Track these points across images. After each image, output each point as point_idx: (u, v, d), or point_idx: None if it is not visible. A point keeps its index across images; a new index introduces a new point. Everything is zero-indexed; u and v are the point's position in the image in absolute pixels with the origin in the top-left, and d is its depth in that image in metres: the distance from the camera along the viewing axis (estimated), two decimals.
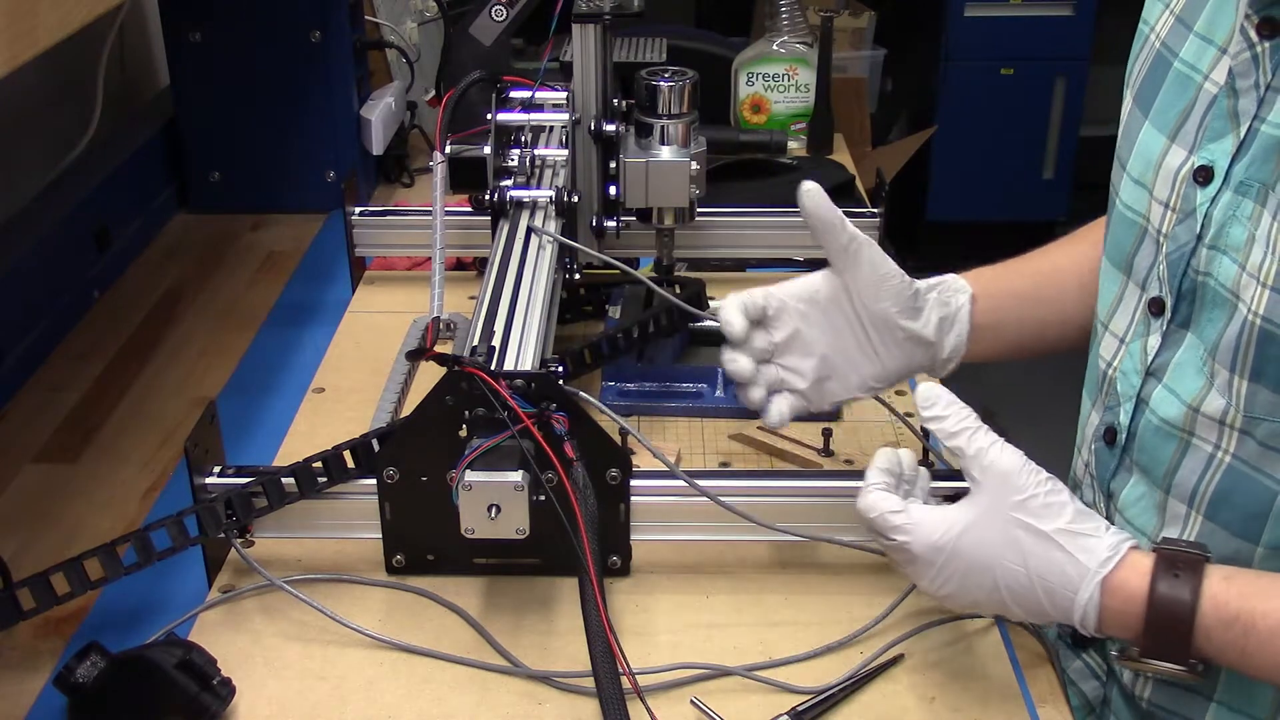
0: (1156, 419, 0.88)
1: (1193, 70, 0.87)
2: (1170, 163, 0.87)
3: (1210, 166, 0.84)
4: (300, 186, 1.69)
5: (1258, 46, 0.81)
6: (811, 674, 0.90)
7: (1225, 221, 0.82)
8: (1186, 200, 0.85)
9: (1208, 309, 0.84)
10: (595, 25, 1.26)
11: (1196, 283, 0.84)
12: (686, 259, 1.41)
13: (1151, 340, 0.89)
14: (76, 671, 0.83)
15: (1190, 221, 0.85)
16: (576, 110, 1.29)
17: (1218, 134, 0.84)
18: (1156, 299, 0.89)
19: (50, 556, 1.04)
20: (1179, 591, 0.79)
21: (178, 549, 0.93)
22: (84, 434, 1.23)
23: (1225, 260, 0.81)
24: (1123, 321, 0.93)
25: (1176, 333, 0.87)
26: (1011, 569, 0.82)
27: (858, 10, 3.09)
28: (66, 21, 0.84)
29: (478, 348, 0.96)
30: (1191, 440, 0.85)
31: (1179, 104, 0.88)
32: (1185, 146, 0.86)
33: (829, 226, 0.96)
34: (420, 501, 0.96)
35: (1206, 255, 0.83)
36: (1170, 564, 0.80)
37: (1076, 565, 0.81)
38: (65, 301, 1.41)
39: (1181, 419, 0.85)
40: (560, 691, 0.89)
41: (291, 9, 1.61)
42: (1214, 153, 0.83)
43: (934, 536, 0.84)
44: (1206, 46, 0.86)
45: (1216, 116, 0.84)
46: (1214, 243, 0.82)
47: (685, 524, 0.98)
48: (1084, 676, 0.99)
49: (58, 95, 1.59)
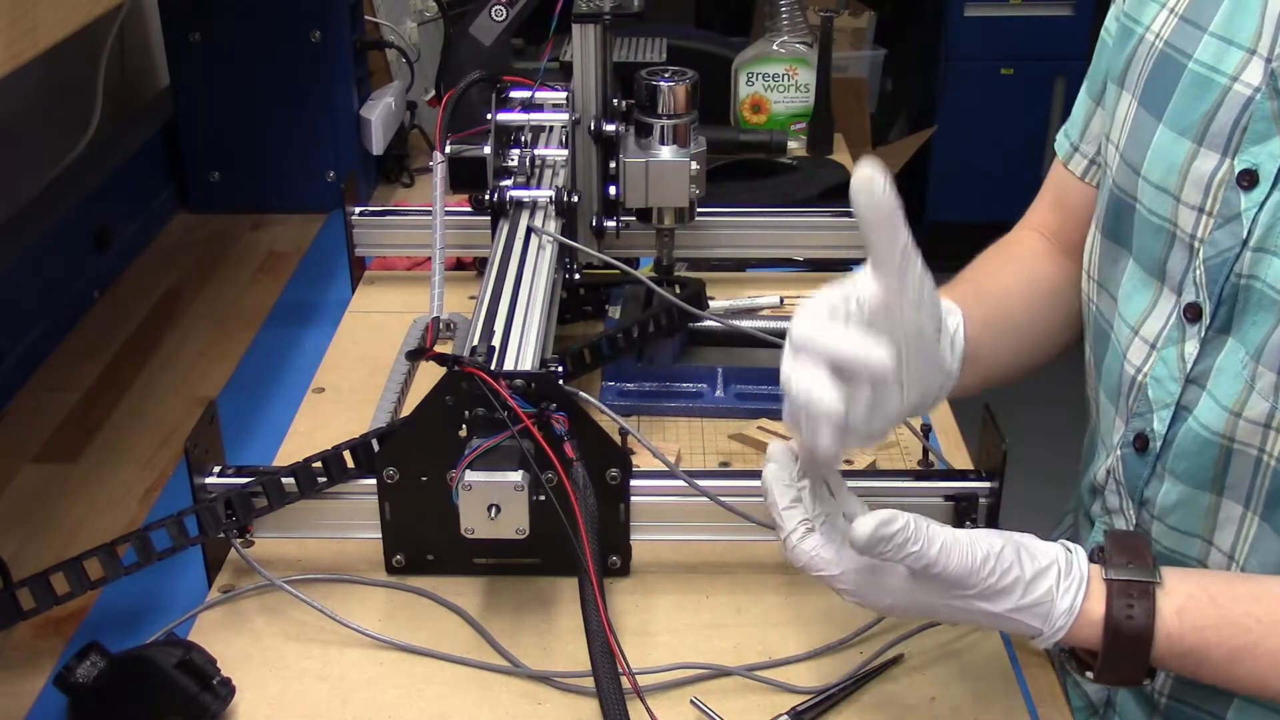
0: (1198, 425, 0.86)
1: (1213, 72, 0.85)
2: (1201, 167, 0.85)
3: (1255, 170, 0.81)
4: (300, 186, 1.69)
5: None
6: (811, 674, 0.90)
7: (1273, 224, 0.80)
8: (1227, 205, 0.83)
9: (1251, 312, 0.82)
10: (595, 25, 1.26)
11: (1239, 286, 0.83)
12: (686, 259, 1.41)
13: (1189, 347, 0.87)
14: (76, 671, 0.83)
15: (1234, 226, 0.83)
16: (576, 110, 1.29)
17: (1261, 136, 0.81)
18: (1192, 304, 0.86)
19: (50, 556, 1.04)
20: (1135, 625, 0.78)
21: (177, 549, 0.93)
22: (84, 434, 1.23)
23: (1276, 262, 0.80)
24: (1154, 327, 0.91)
25: (1216, 338, 0.85)
26: (968, 616, 0.81)
27: (858, 10, 3.09)
28: (66, 21, 0.84)
29: (478, 348, 0.96)
30: (1234, 446, 0.84)
31: (1200, 106, 0.85)
32: (1217, 149, 0.84)
33: (887, 226, 0.78)
34: (420, 501, 0.96)
35: (1251, 258, 0.81)
36: (1125, 593, 0.79)
37: (1033, 629, 0.80)
38: (65, 301, 1.41)
39: (1223, 425, 0.84)
40: (560, 691, 0.89)
41: (291, 9, 1.61)
42: (1258, 155, 0.81)
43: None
44: (1227, 48, 0.84)
45: (1259, 119, 0.81)
46: (1261, 245, 0.81)
47: (685, 524, 0.98)
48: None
49: (58, 95, 1.59)
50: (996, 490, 0.94)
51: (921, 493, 0.97)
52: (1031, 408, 1.99)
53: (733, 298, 1.40)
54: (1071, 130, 1.06)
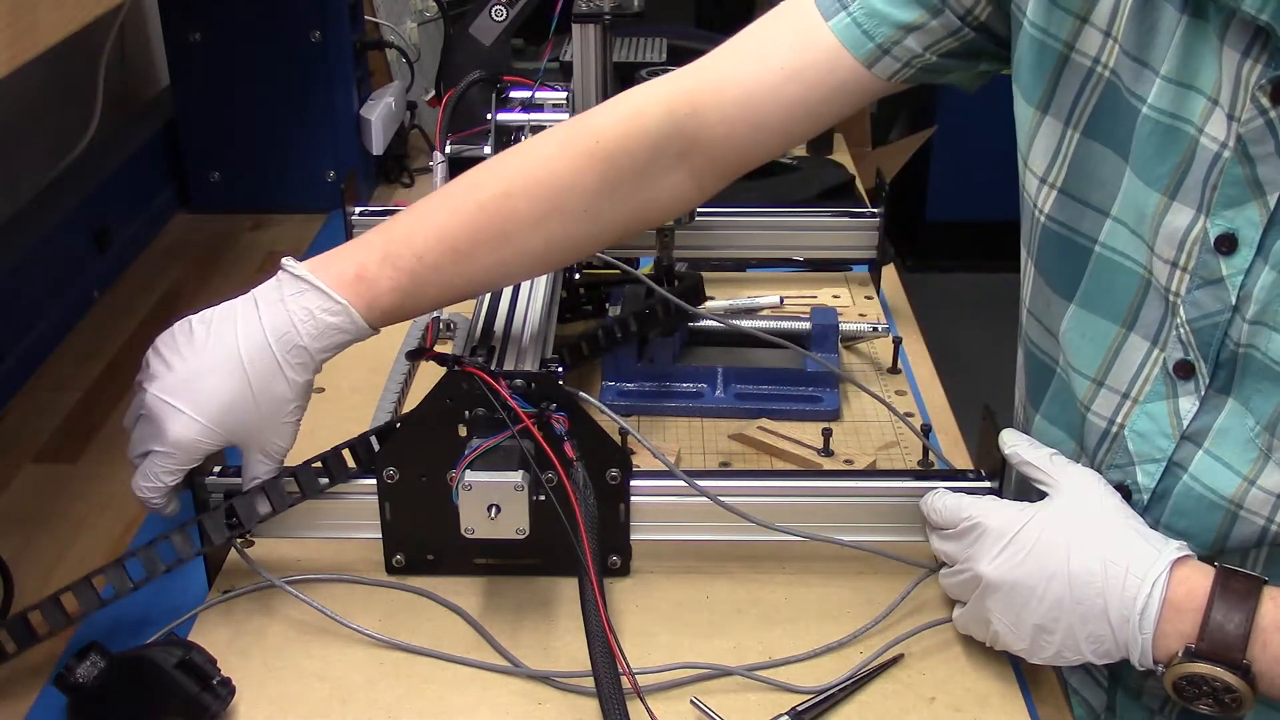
0: (1201, 487, 0.85)
1: (1176, 120, 0.81)
2: (1174, 222, 0.82)
3: (1233, 235, 0.79)
4: (300, 186, 1.69)
5: (1270, 113, 0.76)
6: (811, 674, 0.90)
7: (1270, 301, 0.79)
8: (1205, 267, 0.81)
9: (1255, 380, 0.81)
10: (595, 25, 1.26)
11: (1238, 354, 0.81)
12: (687, 259, 1.41)
13: (1184, 404, 0.85)
14: (76, 671, 0.83)
15: (1218, 290, 0.81)
16: (576, 110, 1.29)
17: (1234, 201, 0.79)
18: (1184, 362, 0.84)
19: (50, 556, 1.04)
20: (1241, 588, 0.79)
21: (184, 560, 0.93)
22: (84, 434, 1.22)
23: (1277, 336, 0.79)
24: (1125, 376, 0.89)
25: (1215, 398, 0.84)
26: (1086, 546, 0.82)
27: None
28: (66, 21, 0.84)
29: (478, 348, 0.96)
30: (1240, 513, 0.84)
31: (1171, 158, 0.81)
32: (1191, 206, 0.81)
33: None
34: (420, 501, 0.96)
35: (1249, 330, 0.80)
36: (1228, 572, 0.80)
37: (1147, 549, 0.81)
38: (65, 301, 1.41)
39: (1233, 491, 0.84)
40: (560, 691, 0.89)
41: (291, 9, 1.61)
42: (1234, 221, 0.79)
43: (1009, 512, 0.86)
44: (1189, 94, 0.80)
45: (1230, 183, 0.79)
46: (1258, 318, 0.79)
47: (685, 524, 0.98)
48: (1086, 684, 0.98)
49: (58, 95, 1.59)
50: (996, 490, 0.94)
51: (921, 493, 0.96)
52: None
53: (733, 298, 1.40)
54: (875, 31, 0.93)
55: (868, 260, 1.45)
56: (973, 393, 1.23)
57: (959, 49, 0.96)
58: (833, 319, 1.27)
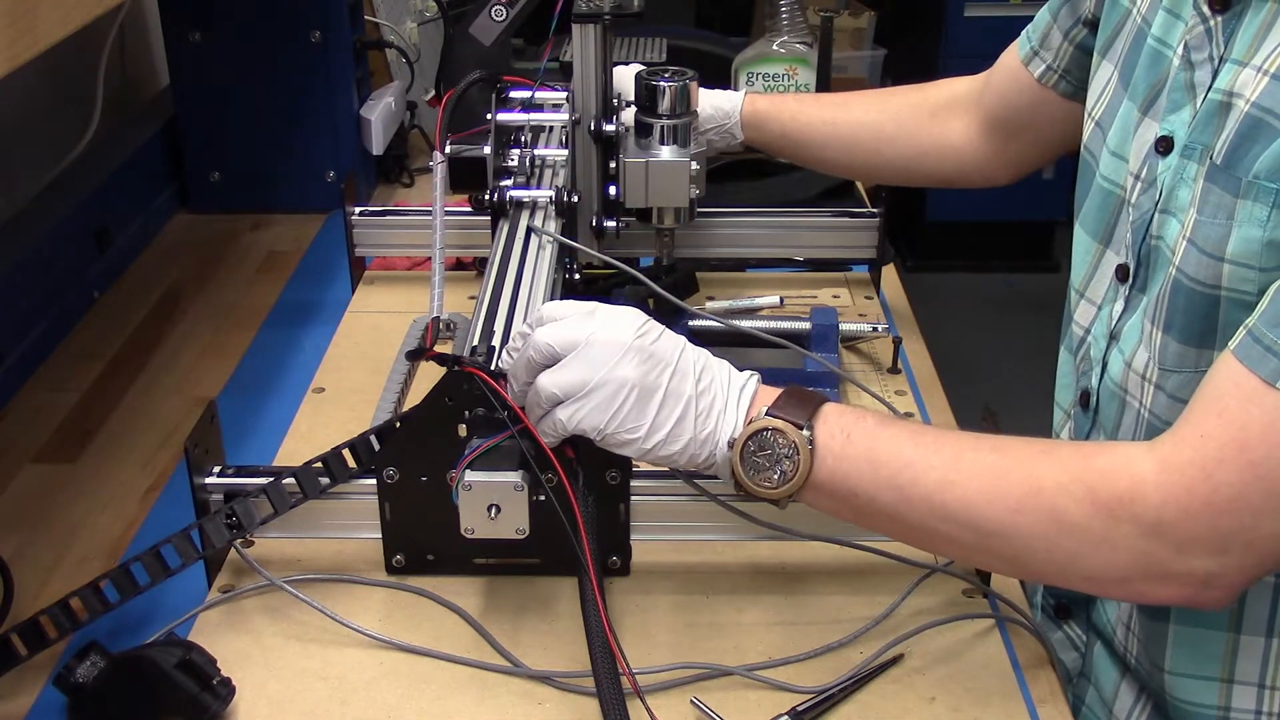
0: (1110, 380, 0.92)
1: (1163, 45, 0.90)
2: (1144, 135, 0.91)
3: (1170, 137, 0.87)
4: (300, 186, 1.69)
5: (1210, 20, 0.84)
6: (811, 674, 0.90)
7: (1175, 185, 0.85)
8: (1150, 170, 0.89)
9: (1155, 270, 0.87)
10: (595, 25, 1.26)
11: (1151, 246, 0.88)
12: (686, 259, 1.41)
13: (1117, 306, 0.93)
14: (76, 671, 0.83)
15: (1152, 190, 0.88)
16: (576, 110, 1.29)
17: (1176, 105, 0.87)
18: (1122, 265, 0.92)
19: (50, 556, 1.04)
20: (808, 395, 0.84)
21: (186, 564, 0.93)
22: (84, 434, 1.23)
23: (1173, 222, 0.85)
24: (1099, 289, 0.97)
25: (1136, 296, 0.91)
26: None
27: (858, 10, 3.09)
28: (66, 21, 0.84)
29: (478, 348, 0.96)
30: (1126, 398, 0.89)
31: (1152, 78, 0.91)
32: (1156, 118, 0.90)
33: None
34: (420, 501, 0.96)
35: (1159, 220, 0.87)
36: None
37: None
38: (65, 301, 1.41)
39: (1121, 377, 0.90)
40: (560, 691, 0.89)
41: (291, 9, 1.61)
42: (1174, 123, 0.87)
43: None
44: (1173, 21, 0.89)
45: (1175, 88, 0.87)
46: (1165, 207, 0.86)
47: (685, 524, 0.98)
48: (1064, 648, 1.02)
49: (58, 95, 1.59)
50: None
51: None
52: (1032, 408, 1.98)
53: (733, 298, 1.40)
54: (1033, 35, 1.14)
55: (868, 260, 1.45)
56: (973, 393, 1.24)
57: (1084, 40, 1.09)
58: (833, 319, 1.27)
